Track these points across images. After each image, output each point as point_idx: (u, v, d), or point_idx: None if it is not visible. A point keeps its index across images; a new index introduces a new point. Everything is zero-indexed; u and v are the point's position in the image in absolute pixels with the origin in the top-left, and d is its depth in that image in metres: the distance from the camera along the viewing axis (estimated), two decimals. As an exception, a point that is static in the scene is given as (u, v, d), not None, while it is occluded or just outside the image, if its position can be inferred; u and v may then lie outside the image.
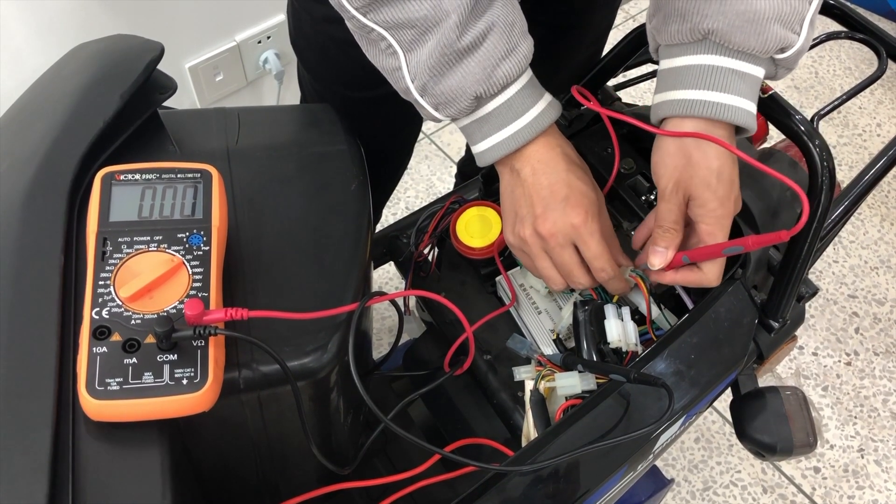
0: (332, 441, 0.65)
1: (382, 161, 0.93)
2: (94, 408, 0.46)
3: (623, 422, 0.60)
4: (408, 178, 1.83)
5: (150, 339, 0.48)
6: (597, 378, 0.61)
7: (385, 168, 1.00)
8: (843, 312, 1.70)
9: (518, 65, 0.59)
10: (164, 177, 0.55)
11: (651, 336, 0.67)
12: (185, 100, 1.52)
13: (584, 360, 0.63)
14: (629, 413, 0.60)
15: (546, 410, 0.63)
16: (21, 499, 0.43)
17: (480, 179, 0.80)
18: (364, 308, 0.57)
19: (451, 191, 0.84)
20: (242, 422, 0.56)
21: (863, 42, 0.83)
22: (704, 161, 0.60)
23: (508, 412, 0.68)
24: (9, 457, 0.44)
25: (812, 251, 0.65)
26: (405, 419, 0.80)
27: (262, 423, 0.57)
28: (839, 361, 1.62)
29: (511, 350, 0.69)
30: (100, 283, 0.49)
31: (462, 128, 0.64)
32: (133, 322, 0.48)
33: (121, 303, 0.49)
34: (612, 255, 0.64)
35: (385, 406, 0.59)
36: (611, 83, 0.84)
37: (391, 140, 0.96)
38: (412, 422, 0.81)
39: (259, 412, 0.56)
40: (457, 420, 0.76)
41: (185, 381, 0.47)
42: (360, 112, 0.83)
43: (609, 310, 0.65)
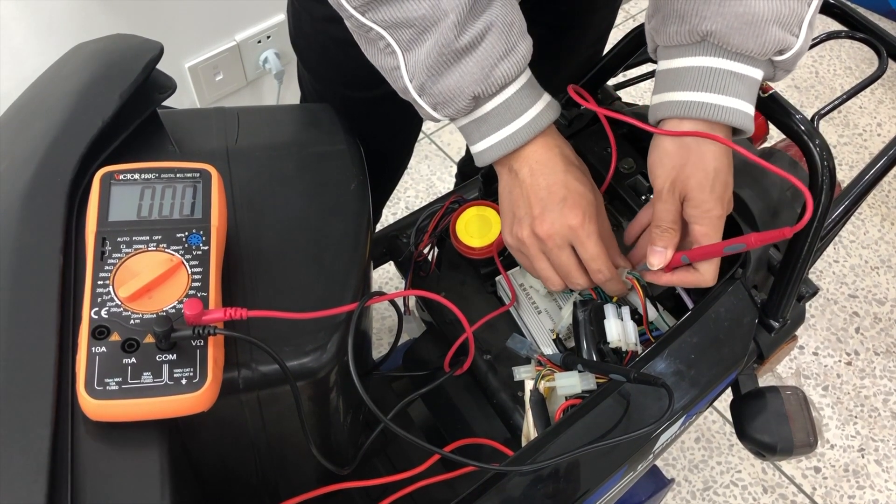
0: (332, 441, 0.65)
1: (382, 161, 0.93)
2: (94, 408, 0.46)
3: (623, 422, 0.60)
4: (408, 178, 1.83)
5: (149, 339, 0.48)
6: (597, 378, 0.61)
7: (385, 168, 1.00)
8: (844, 312, 1.70)
9: (516, 65, 0.59)
10: (164, 176, 0.55)
11: (648, 338, 0.67)
12: (185, 99, 1.52)
13: (584, 360, 0.63)
14: (629, 413, 0.60)
15: (546, 410, 0.62)
16: (20, 499, 0.43)
17: (480, 179, 0.80)
18: (363, 308, 0.56)
19: (451, 191, 0.84)
20: (242, 422, 0.56)
21: (863, 41, 0.83)
22: (701, 163, 0.60)
23: (508, 412, 0.68)
24: (8, 457, 0.44)
25: (812, 251, 0.65)
26: (405, 419, 0.80)
27: (262, 423, 0.57)
28: (839, 361, 1.62)
29: (511, 350, 0.68)
30: (99, 283, 0.49)
31: (461, 128, 0.64)
32: (132, 322, 0.48)
33: (120, 302, 0.49)
34: (610, 257, 0.64)
35: (385, 406, 0.59)
36: (611, 82, 0.84)
37: (391, 140, 0.96)
38: (412, 422, 0.81)
39: (258, 412, 0.56)
40: (457, 420, 0.76)
41: (185, 381, 0.47)
42: (360, 112, 0.83)
43: (609, 309, 0.65)
